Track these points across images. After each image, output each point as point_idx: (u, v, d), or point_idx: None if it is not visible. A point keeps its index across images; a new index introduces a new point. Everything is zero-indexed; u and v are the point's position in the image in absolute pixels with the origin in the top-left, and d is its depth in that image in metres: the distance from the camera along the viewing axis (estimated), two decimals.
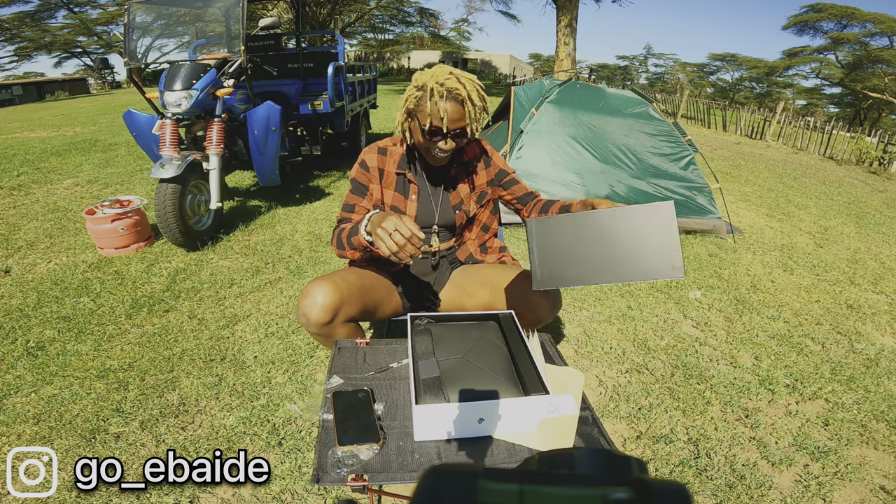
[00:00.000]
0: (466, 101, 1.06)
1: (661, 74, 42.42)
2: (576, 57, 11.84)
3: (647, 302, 2.44)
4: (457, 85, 1.05)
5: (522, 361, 0.93)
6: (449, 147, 1.12)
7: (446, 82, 1.05)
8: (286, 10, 14.60)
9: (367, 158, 1.27)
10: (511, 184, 1.36)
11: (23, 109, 12.50)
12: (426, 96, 1.06)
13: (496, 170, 1.35)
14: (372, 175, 1.27)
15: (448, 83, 1.05)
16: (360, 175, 1.27)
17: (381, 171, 1.27)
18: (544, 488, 0.20)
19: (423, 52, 33.67)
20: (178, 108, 2.67)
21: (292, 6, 5.31)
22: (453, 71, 1.08)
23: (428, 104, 1.06)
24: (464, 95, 1.05)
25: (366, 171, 1.27)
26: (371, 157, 1.27)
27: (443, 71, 1.08)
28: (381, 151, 1.27)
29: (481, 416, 0.81)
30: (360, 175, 1.27)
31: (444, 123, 1.07)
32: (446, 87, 1.05)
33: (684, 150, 3.50)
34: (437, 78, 1.06)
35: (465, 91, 1.05)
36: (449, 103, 1.05)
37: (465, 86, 1.06)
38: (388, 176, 1.27)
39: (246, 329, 2.00)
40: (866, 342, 2.25)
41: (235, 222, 3.23)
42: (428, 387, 0.86)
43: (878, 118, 23.24)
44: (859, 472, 1.46)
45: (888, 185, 6.87)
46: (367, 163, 1.27)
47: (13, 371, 1.71)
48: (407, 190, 1.28)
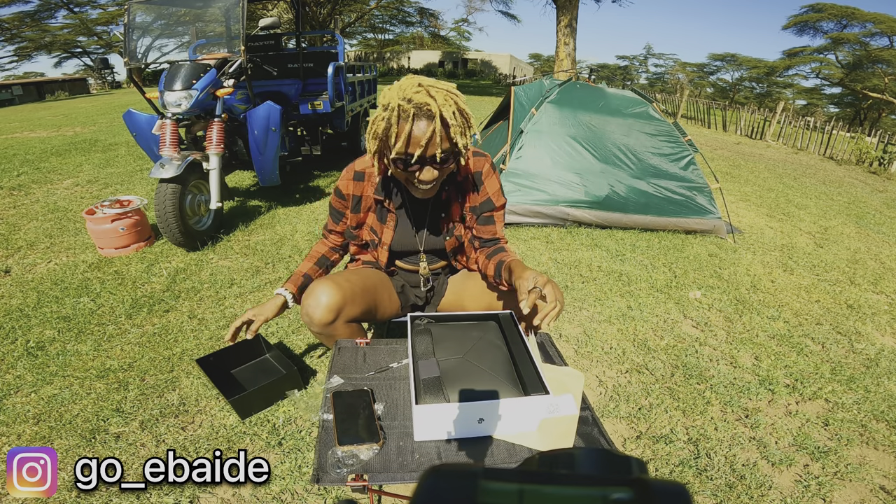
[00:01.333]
0: (436, 119, 0.87)
1: (661, 74, 42.44)
2: (576, 57, 11.85)
3: (647, 302, 2.44)
4: (426, 99, 0.86)
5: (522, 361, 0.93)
6: (429, 177, 0.94)
7: (414, 97, 0.87)
8: (286, 10, 14.60)
9: (341, 185, 1.17)
10: (486, 221, 1.21)
11: (23, 109, 12.50)
12: (391, 117, 0.88)
13: (483, 198, 1.18)
14: (347, 203, 1.19)
15: (416, 98, 0.87)
16: (336, 202, 1.22)
17: (356, 197, 1.17)
18: (544, 488, 0.20)
19: (423, 52, 33.70)
20: (178, 108, 2.67)
21: (292, 6, 5.31)
22: (423, 82, 0.89)
23: (394, 127, 0.88)
24: (435, 111, 0.86)
25: (340, 198, 1.19)
26: (345, 184, 1.16)
27: (410, 84, 0.89)
28: (358, 177, 1.15)
29: (481, 416, 0.81)
30: (335, 202, 1.22)
31: (415, 150, 0.89)
32: (414, 102, 0.86)
33: (684, 150, 3.50)
34: (404, 93, 0.88)
35: (436, 106, 0.86)
36: (417, 123, 0.87)
37: (437, 99, 0.87)
38: (366, 201, 1.18)
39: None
40: (866, 342, 2.25)
41: (235, 222, 3.23)
42: (428, 387, 0.86)
43: (878, 118, 23.24)
44: (859, 472, 1.46)
45: (888, 185, 6.87)
46: (341, 190, 1.17)
47: (13, 371, 1.71)
48: (385, 216, 1.18)
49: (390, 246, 1.22)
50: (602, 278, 2.66)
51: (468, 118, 0.93)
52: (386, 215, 1.18)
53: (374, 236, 1.22)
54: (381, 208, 1.18)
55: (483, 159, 1.17)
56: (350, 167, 1.17)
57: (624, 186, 3.36)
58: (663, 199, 3.39)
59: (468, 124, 0.94)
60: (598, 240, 3.21)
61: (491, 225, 1.22)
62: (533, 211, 3.31)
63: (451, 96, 0.90)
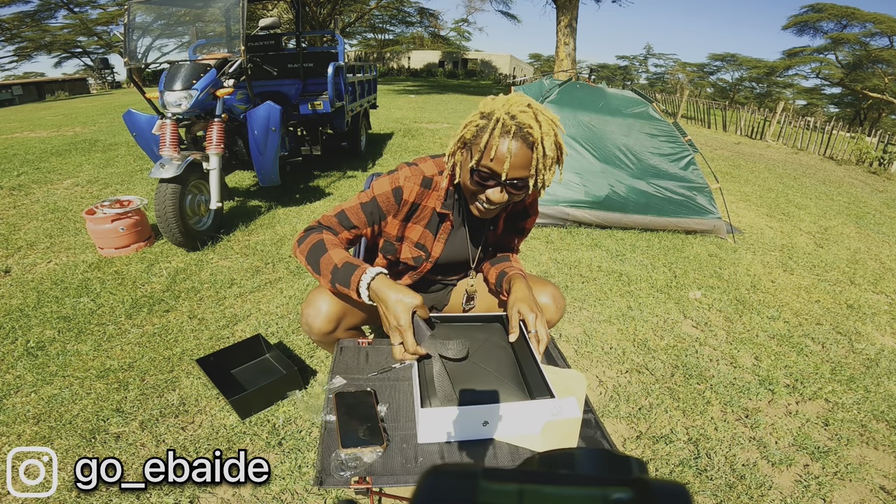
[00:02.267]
0: (538, 146, 0.83)
1: (661, 74, 42.45)
2: (576, 57, 11.85)
3: (647, 302, 2.44)
4: (531, 122, 0.83)
5: (527, 364, 0.92)
6: (499, 199, 0.90)
7: (519, 115, 0.83)
8: (286, 10, 14.60)
9: (405, 188, 1.02)
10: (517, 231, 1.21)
11: (23, 109, 12.50)
12: (489, 126, 0.84)
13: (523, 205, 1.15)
14: (399, 209, 1.04)
15: (521, 117, 0.83)
16: (387, 202, 1.03)
17: (415, 205, 1.05)
18: (544, 488, 0.20)
19: (423, 52, 33.70)
20: (178, 108, 2.67)
21: (292, 6, 5.31)
22: (532, 104, 0.86)
23: (486, 137, 0.84)
24: (536, 137, 0.83)
25: (397, 202, 1.03)
26: (411, 189, 1.02)
27: (519, 101, 0.86)
28: (426, 183, 1.03)
29: (486, 419, 0.81)
30: (385, 201, 1.03)
31: (502, 167, 0.85)
32: (517, 121, 0.83)
33: (684, 150, 3.50)
34: (510, 108, 0.85)
35: (538, 132, 0.83)
36: (515, 142, 0.83)
37: (542, 125, 0.84)
38: (423, 211, 1.07)
39: (246, 329, 2.00)
40: (866, 342, 2.25)
41: (235, 222, 3.23)
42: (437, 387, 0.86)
43: (878, 118, 23.25)
44: (859, 472, 1.46)
45: (888, 185, 6.87)
46: (402, 193, 1.02)
47: (13, 371, 1.71)
48: (438, 229, 1.10)
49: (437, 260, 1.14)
50: (602, 278, 2.66)
51: (561, 154, 0.89)
52: (440, 228, 1.09)
53: (421, 252, 1.12)
54: (437, 220, 1.08)
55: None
56: (417, 170, 1.03)
57: (624, 186, 3.36)
58: (663, 199, 3.39)
59: (558, 160, 0.90)
60: (598, 240, 3.21)
61: (517, 235, 1.22)
62: None
63: (554, 127, 0.87)
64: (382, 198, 1.03)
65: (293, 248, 1.03)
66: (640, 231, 3.43)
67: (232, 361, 1.71)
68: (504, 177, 0.86)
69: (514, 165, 0.85)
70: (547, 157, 0.85)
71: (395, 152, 5.65)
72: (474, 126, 0.88)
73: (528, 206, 1.17)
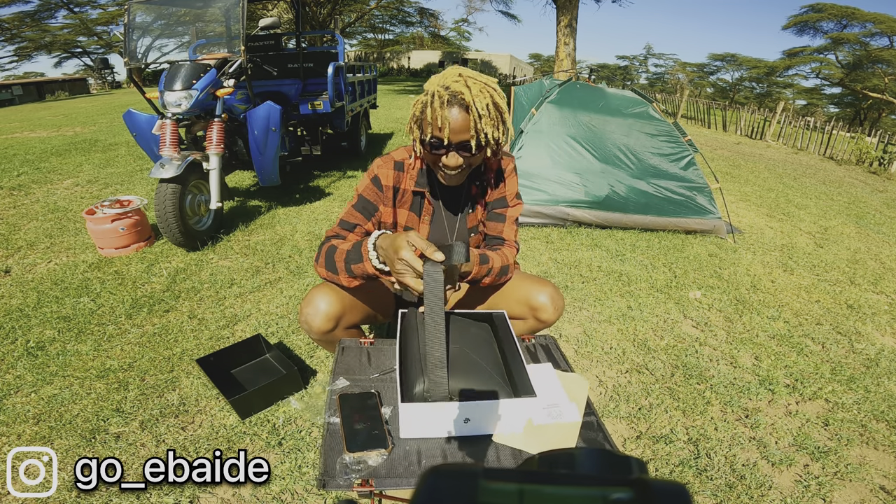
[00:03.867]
0: (472, 108, 0.90)
1: (661, 74, 42.43)
2: (576, 57, 11.84)
3: (647, 302, 2.44)
4: (462, 89, 0.90)
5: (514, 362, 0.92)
6: (454, 163, 0.96)
7: (452, 85, 0.91)
8: (286, 10, 14.59)
9: (381, 175, 1.10)
10: (496, 218, 1.20)
11: (23, 109, 12.50)
12: (428, 101, 0.93)
13: (500, 194, 1.19)
14: (384, 195, 1.11)
15: (453, 86, 0.91)
16: (371, 192, 1.11)
17: (396, 189, 1.12)
18: (544, 488, 0.20)
19: (423, 52, 33.69)
20: (178, 108, 2.67)
21: (292, 6, 5.31)
22: (463, 72, 0.94)
23: (428, 110, 0.92)
24: (469, 101, 0.90)
25: (378, 189, 1.11)
26: (386, 174, 1.10)
27: (452, 73, 0.94)
28: (398, 167, 1.11)
29: (467, 416, 0.81)
30: (370, 192, 1.11)
31: (445, 134, 0.92)
32: (450, 90, 0.91)
33: (684, 150, 3.50)
34: (444, 81, 0.93)
35: (470, 96, 0.90)
36: (450, 110, 0.91)
37: (472, 89, 0.91)
38: (403, 194, 1.13)
39: (246, 329, 2.00)
40: (866, 342, 2.25)
41: (235, 222, 3.23)
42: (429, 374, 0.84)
43: (878, 118, 23.24)
44: (859, 472, 1.46)
45: (888, 185, 6.86)
46: (380, 180, 1.10)
47: (13, 371, 1.71)
48: (421, 210, 1.15)
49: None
50: (602, 278, 2.66)
51: (502, 113, 0.95)
52: (422, 209, 1.15)
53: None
54: (418, 201, 1.14)
55: (510, 159, 1.19)
56: (388, 157, 1.12)
57: (624, 186, 3.36)
58: (663, 199, 3.39)
59: (501, 119, 0.95)
60: (598, 240, 3.21)
61: (499, 223, 1.20)
62: (533, 211, 3.31)
63: (487, 89, 0.93)
64: (366, 191, 1.11)
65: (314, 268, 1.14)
66: (640, 231, 3.43)
67: (232, 361, 1.71)
68: (446, 141, 0.94)
69: (455, 130, 0.92)
70: (483, 116, 0.91)
71: None
72: (420, 104, 0.96)
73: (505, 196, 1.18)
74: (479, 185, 1.17)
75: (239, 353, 1.73)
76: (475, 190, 1.16)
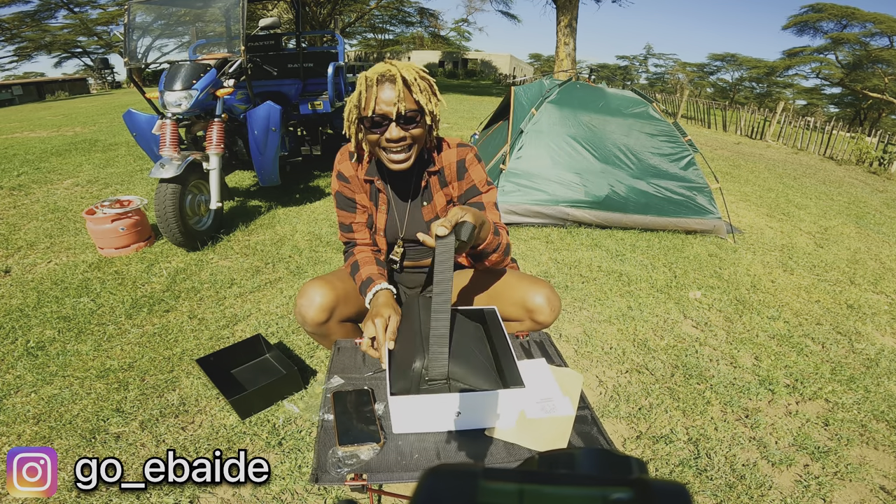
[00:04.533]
0: (398, 79, 0.97)
1: (661, 74, 42.44)
2: (576, 57, 11.85)
3: (647, 302, 2.44)
4: (388, 67, 0.99)
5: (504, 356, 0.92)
6: (397, 135, 1.00)
7: (379, 68, 1.00)
8: (286, 10, 14.60)
9: (342, 168, 1.18)
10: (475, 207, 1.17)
11: (23, 109, 12.50)
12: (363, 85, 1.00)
13: (468, 184, 1.18)
14: (353, 186, 1.18)
15: (380, 69, 1.00)
16: (343, 188, 1.19)
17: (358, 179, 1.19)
18: (544, 488, 0.20)
19: (423, 52, 33.70)
20: (178, 108, 2.67)
21: (292, 6, 5.31)
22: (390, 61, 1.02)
23: (363, 95, 1.00)
24: (395, 74, 0.98)
25: (345, 182, 1.18)
26: (346, 166, 1.18)
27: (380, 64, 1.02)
28: (352, 157, 1.18)
29: (458, 408, 0.81)
30: (342, 188, 1.19)
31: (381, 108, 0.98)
32: (378, 72, 1.00)
33: (684, 150, 3.50)
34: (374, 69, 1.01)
35: (396, 70, 0.98)
36: (382, 86, 0.98)
37: (398, 66, 1.00)
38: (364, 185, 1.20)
39: (246, 329, 2.00)
40: (866, 342, 2.25)
41: (235, 222, 3.23)
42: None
43: (878, 118, 23.24)
44: (859, 472, 1.46)
45: (888, 185, 6.87)
46: (343, 173, 1.18)
47: (13, 371, 1.71)
48: (377, 199, 1.20)
49: (385, 232, 1.22)
50: (602, 278, 2.66)
51: (432, 85, 1.03)
52: (378, 197, 1.19)
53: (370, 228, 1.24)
54: (373, 190, 1.19)
55: (467, 149, 1.20)
56: (343, 150, 1.18)
57: (624, 186, 3.36)
58: (663, 199, 3.39)
59: (432, 90, 1.03)
60: (598, 240, 3.21)
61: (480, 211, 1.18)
62: (533, 211, 3.31)
63: (413, 66, 1.02)
64: (339, 188, 1.20)
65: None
66: (640, 231, 3.43)
67: (232, 361, 1.71)
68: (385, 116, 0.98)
69: (388, 101, 0.98)
70: (413, 85, 0.98)
71: None
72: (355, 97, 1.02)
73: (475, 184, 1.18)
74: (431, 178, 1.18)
75: (239, 353, 1.73)
76: (425, 182, 1.18)
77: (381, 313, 1.00)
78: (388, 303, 1.05)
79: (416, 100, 1.00)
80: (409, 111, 1.00)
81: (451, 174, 1.18)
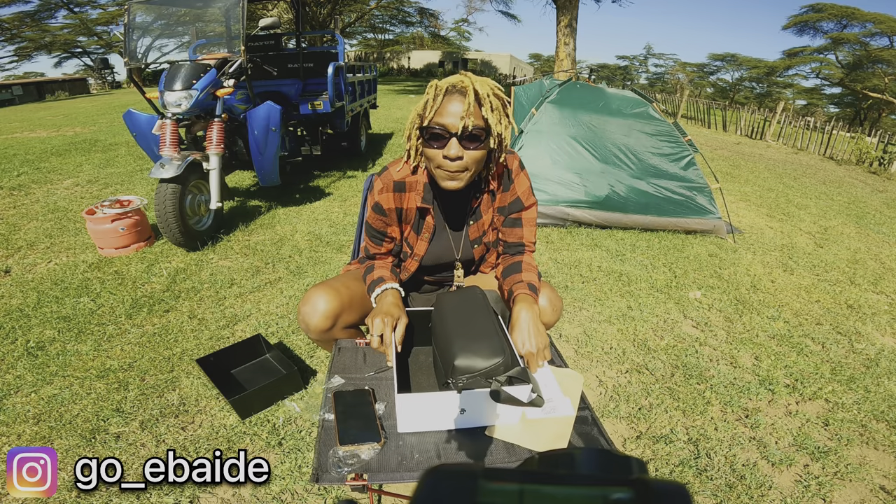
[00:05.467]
0: (470, 92, 0.90)
1: (661, 74, 42.41)
2: (576, 57, 11.84)
3: (647, 302, 2.44)
4: (462, 79, 0.93)
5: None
6: (455, 153, 0.93)
7: (453, 80, 0.94)
8: (286, 10, 14.60)
9: (381, 201, 1.08)
10: (513, 224, 1.15)
11: (23, 109, 12.49)
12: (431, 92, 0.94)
13: (512, 197, 1.13)
14: (389, 218, 1.10)
15: (454, 80, 0.94)
16: (377, 221, 1.11)
17: (399, 210, 1.10)
18: (544, 488, 0.20)
19: (423, 52, 33.68)
20: (178, 108, 2.67)
21: (292, 6, 5.31)
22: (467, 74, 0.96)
23: (430, 103, 0.93)
24: (468, 86, 0.91)
25: (382, 215, 1.09)
26: (386, 198, 1.07)
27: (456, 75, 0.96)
28: (399, 188, 1.07)
29: (463, 406, 0.81)
30: (375, 221, 1.11)
31: (445, 120, 0.91)
32: (451, 82, 0.94)
33: (684, 150, 3.50)
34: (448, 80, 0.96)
35: (469, 83, 0.92)
36: (451, 97, 0.92)
37: (474, 81, 0.93)
38: (408, 213, 1.11)
39: (246, 329, 2.00)
40: (866, 342, 2.25)
41: (235, 222, 3.23)
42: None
43: (878, 118, 23.23)
44: (859, 472, 1.46)
45: (888, 185, 6.86)
46: (381, 206, 1.08)
47: (13, 371, 1.71)
48: (421, 228, 1.13)
49: (422, 258, 1.17)
50: (602, 278, 2.66)
51: (505, 104, 0.96)
52: (422, 226, 1.12)
53: (408, 248, 1.17)
54: (419, 218, 1.12)
55: (512, 156, 1.13)
56: (387, 178, 1.07)
57: (624, 186, 3.36)
58: (663, 199, 3.39)
59: (504, 111, 0.96)
60: (598, 240, 3.21)
61: (518, 228, 1.16)
62: None
63: (489, 82, 0.95)
64: (372, 220, 1.12)
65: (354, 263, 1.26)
66: (640, 231, 3.43)
67: (232, 361, 1.71)
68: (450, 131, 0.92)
69: (455, 114, 0.91)
70: (485, 101, 0.92)
71: (395, 152, 5.65)
72: (422, 105, 0.97)
73: (519, 197, 1.14)
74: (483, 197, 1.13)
75: (239, 353, 1.73)
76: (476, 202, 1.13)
77: (392, 312, 0.97)
78: (397, 303, 1.01)
79: (484, 117, 0.92)
80: (476, 128, 0.92)
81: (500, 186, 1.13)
